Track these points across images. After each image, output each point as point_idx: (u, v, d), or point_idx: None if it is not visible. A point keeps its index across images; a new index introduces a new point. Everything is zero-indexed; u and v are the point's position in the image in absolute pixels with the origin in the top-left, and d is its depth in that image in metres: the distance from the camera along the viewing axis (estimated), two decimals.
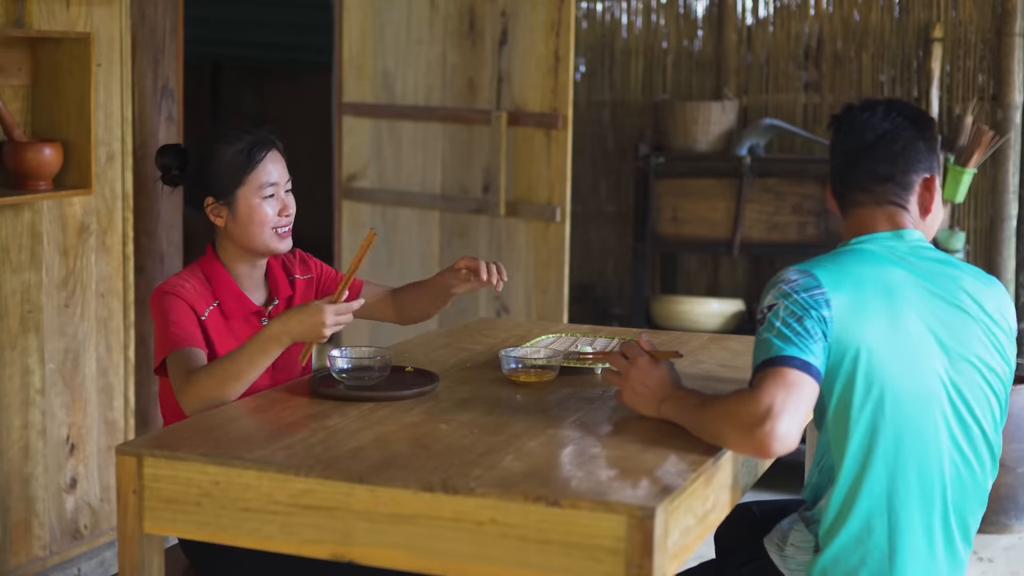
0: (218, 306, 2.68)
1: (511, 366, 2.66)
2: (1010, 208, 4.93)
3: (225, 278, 2.70)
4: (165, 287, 2.64)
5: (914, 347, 2.23)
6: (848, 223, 2.40)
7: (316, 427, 2.28)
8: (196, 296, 2.64)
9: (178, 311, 2.60)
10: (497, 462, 2.08)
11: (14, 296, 3.51)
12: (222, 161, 2.66)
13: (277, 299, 2.78)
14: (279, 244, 2.70)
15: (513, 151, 4.79)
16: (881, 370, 2.20)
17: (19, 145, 3.36)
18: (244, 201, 2.66)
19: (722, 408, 2.17)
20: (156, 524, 2.14)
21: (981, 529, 4.44)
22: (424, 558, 1.99)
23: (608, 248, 5.71)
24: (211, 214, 2.68)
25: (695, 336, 3.21)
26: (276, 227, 2.68)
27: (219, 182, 2.66)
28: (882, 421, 2.20)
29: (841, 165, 2.41)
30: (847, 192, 2.40)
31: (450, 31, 4.96)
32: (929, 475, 2.24)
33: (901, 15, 5.12)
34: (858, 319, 2.20)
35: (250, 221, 2.66)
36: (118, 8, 3.69)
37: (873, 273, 2.26)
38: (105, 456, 3.80)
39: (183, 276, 2.69)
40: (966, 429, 2.27)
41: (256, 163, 2.66)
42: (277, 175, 2.70)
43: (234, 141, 2.67)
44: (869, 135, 2.36)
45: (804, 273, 2.24)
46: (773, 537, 2.39)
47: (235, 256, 2.72)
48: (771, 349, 2.17)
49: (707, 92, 5.46)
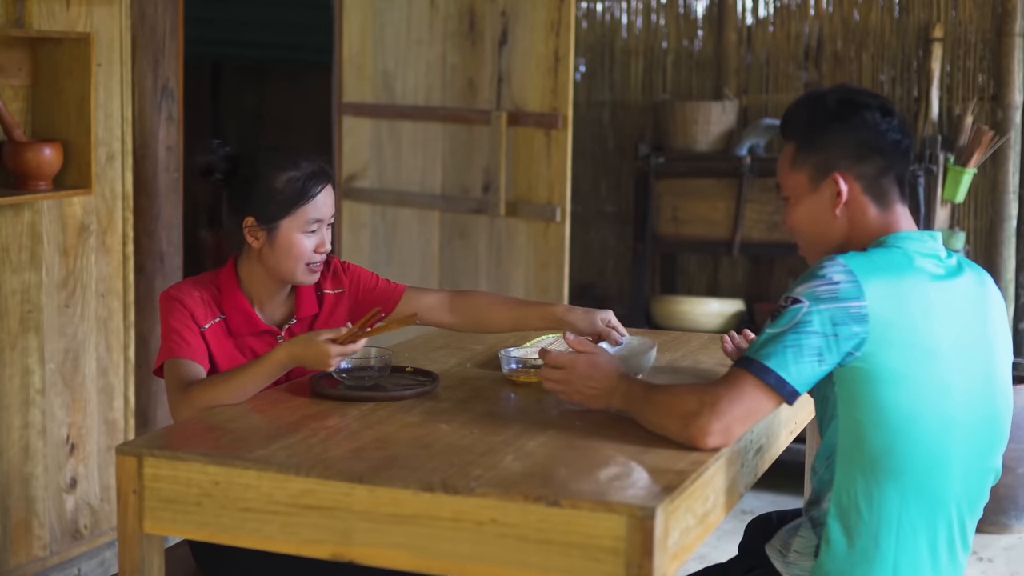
0: (223, 321, 2.63)
1: (511, 366, 2.66)
2: (1010, 208, 4.93)
3: (237, 295, 2.64)
4: (172, 291, 2.62)
5: (942, 368, 2.18)
6: (885, 217, 2.28)
7: (316, 427, 2.28)
8: (200, 306, 2.60)
9: (179, 319, 2.57)
10: (497, 462, 2.08)
11: (14, 296, 3.51)
12: (274, 186, 2.57)
13: (297, 318, 2.71)
14: (308, 278, 2.64)
15: (513, 151, 4.79)
16: (904, 395, 2.15)
17: (19, 145, 3.36)
18: (286, 232, 2.59)
19: (667, 398, 2.19)
20: (156, 524, 2.14)
21: (981, 529, 4.44)
22: (424, 558, 1.99)
23: (608, 248, 5.71)
24: (248, 234, 2.60)
25: (695, 336, 3.21)
26: (310, 262, 2.62)
27: (266, 206, 2.58)
28: (898, 445, 2.17)
29: (890, 152, 2.28)
30: (887, 183, 2.28)
31: (450, 31, 4.96)
32: (942, 490, 2.22)
33: (901, 15, 5.12)
34: (892, 341, 2.13)
35: (288, 254, 2.60)
36: (118, 8, 3.69)
37: (915, 290, 2.18)
38: (105, 456, 3.80)
39: (194, 283, 2.64)
40: (982, 444, 2.26)
41: (309, 198, 2.59)
42: (326, 211, 2.62)
43: (290, 168, 2.59)
44: (900, 134, 2.29)
45: (849, 277, 2.14)
46: (775, 543, 2.37)
47: (259, 276, 2.65)
48: (761, 351, 2.15)
49: (707, 92, 5.46)
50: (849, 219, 2.28)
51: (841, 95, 2.30)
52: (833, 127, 2.27)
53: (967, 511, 2.27)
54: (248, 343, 2.66)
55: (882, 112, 2.27)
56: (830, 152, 2.27)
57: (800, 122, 2.32)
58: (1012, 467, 4.41)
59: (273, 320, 2.71)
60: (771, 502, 4.68)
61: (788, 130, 2.34)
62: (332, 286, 2.78)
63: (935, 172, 4.73)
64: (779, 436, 2.62)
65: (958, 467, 2.23)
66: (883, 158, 2.27)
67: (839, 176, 2.27)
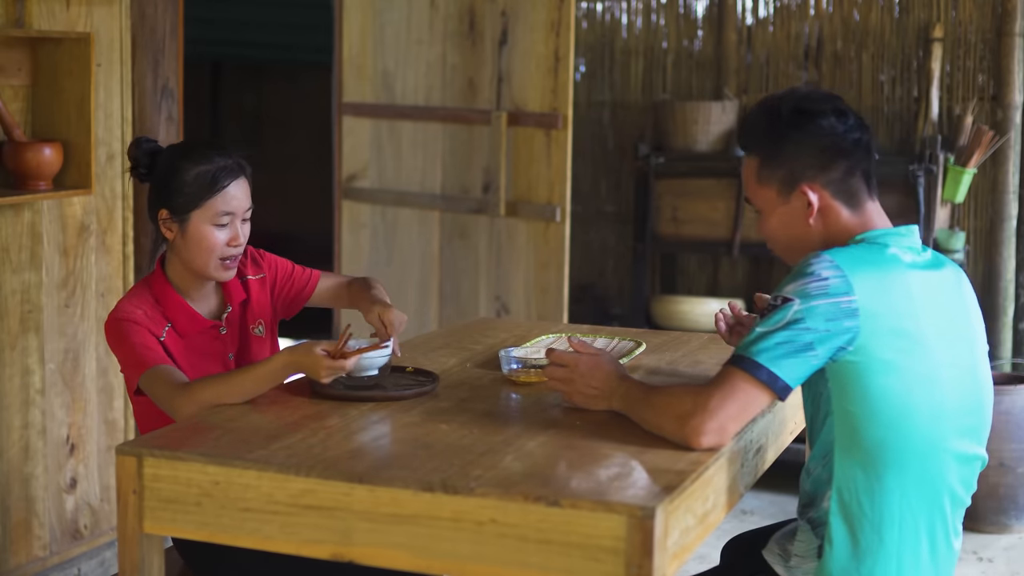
0: (171, 327, 2.65)
1: (511, 366, 2.66)
2: (1010, 208, 4.92)
3: (174, 298, 2.66)
4: (119, 314, 2.61)
5: (931, 359, 2.20)
6: (858, 216, 2.30)
7: (316, 427, 2.28)
8: (149, 321, 2.61)
9: (139, 334, 2.58)
10: (497, 462, 2.08)
11: (14, 296, 3.51)
12: (185, 179, 2.61)
13: (231, 305, 2.74)
14: (222, 274, 2.66)
15: (513, 151, 4.79)
16: (896, 385, 2.17)
17: (19, 145, 3.36)
18: (196, 224, 2.61)
19: (663, 400, 2.21)
20: (156, 524, 2.14)
21: (981, 529, 4.44)
22: (424, 558, 1.99)
23: (608, 248, 5.71)
24: (163, 226, 2.64)
25: (695, 336, 3.21)
26: (223, 256, 2.63)
27: (177, 198, 2.61)
28: (893, 436, 2.18)
29: (852, 152, 2.28)
30: (855, 182, 2.29)
31: (450, 31, 4.96)
32: (938, 479, 2.23)
33: (901, 15, 5.12)
34: (882, 332, 2.15)
35: (199, 246, 2.62)
36: (118, 8, 3.69)
37: (899, 282, 2.20)
38: (105, 456, 3.80)
39: (133, 302, 2.64)
40: (971, 433, 2.28)
41: (217, 190, 2.61)
42: (236, 205, 2.64)
43: (201, 161, 2.62)
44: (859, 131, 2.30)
45: (838, 272, 2.16)
46: (773, 548, 2.38)
47: (182, 272, 2.68)
48: (751, 348, 2.15)
49: (707, 92, 5.46)
50: (824, 224, 2.30)
51: (794, 104, 2.29)
52: (792, 138, 2.27)
53: (960, 499, 2.30)
54: (196, 342, 2.68)
55: (837, 115, 2.27)
56: (794, 165, 2.27)
57: (758, 136, 2.32)
58: (1012, 467, 4.41)
59: (210, 312, 2.73)
60: (771, 502, 4.68)
61: (748, 144, 2.35)
62: (253, 272, 2.82)
63: (935, 172, 4.73)
64: (779, 436, 2.62)
65: (951, 456, 2.25)
66: (847, 160, 2.27)
67: (807, 188, 2.27)
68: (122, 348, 2.59)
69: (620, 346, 2.98)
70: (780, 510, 4.58)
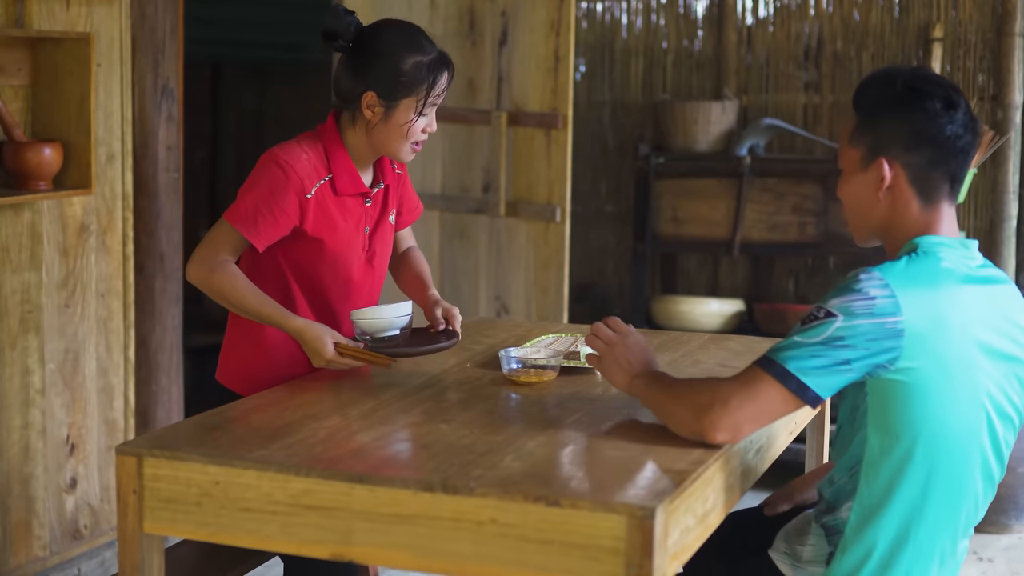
0: (330, 181, 2.69)
1: (511, 366, 2.66)
2: (1010, 208, 4.92)
3: (345, 157, 2.72)
4: (282, 155, 2.66)
5: (975, 379, 2.16)
6: (927, 213, 2.24)
7: (316, 427, 2.28)
8: (309, 170, 2.66)
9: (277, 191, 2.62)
10: (497, 462, 2.08)
11: (14, 296, 3.51)
12: (403, 67, 2.65)
13: (385, 183, 2.82)
14: (409, 156, 2.74)
15: (513, 151, 4.79)
16: (935, 406, 2.14)
17: (19, 145, 3.36)
18: (405, 111, 2.67)
19: (683, 390, 2.23)
20: (156, 524, 2.14)
21: (981, 529, 4.44)
22: (424, 558, 1.99)
23: (608, 248, 5.71)
24: (366, 106, 2.68)
25: (695, 336, 3.21)
26: (416, 142, 2.72)
27: (390, 84, 2.65)
28: (919, 452, 2.15)
29: (945, 146, 2.22)
30: (937, 177, 2.23)
31: (450, 31, 4.96)
32: (960, 502, 2.22)
33: (901, 15, 5.12)
34: (928, 353, 2.11)
35: (399, 132, 2.68)
36: (118, 8, 3.69)
37: (950, 300, 2.15)
38: (105, 456, 3.80)
39: (302, 145, 2.70)
40: (999, 452, 2.25)
41: (433, 83, 2.67)
42: (442, 98, 2.72)
43: (419, 51, 2.67)
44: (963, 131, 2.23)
45: (886, 292, 2.11)
46: (780, 547, 2.37)
47: (362, 144, 2.73)
48: (784, 354, 2.13)
49: (707, 92, 5.46)
50: (891, 205, 2.25)
51: (910, 80, 2.24)
52: (893, 111, 2.23)
53: (974, 518, 2.28)
54: (346, 204, 2.73)
55: (945, 104, 2.21)
56: (883, 135, 2.24)
57: (867, 99, 2.28)
58: (1012, 467, 4.41)
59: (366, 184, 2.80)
60: None
61: (856, 103, 2.31)
62: (399, 166, 2.90)
63: None
64: (779, 436, 2.62)
65: (976, 480, 2.22)
66: (935, 150, 2.22)
67: (885, 161, 2.23)
68: (249, 183, 2.65)
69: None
70: None
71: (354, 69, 2.69)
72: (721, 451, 2.17)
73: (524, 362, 2.66)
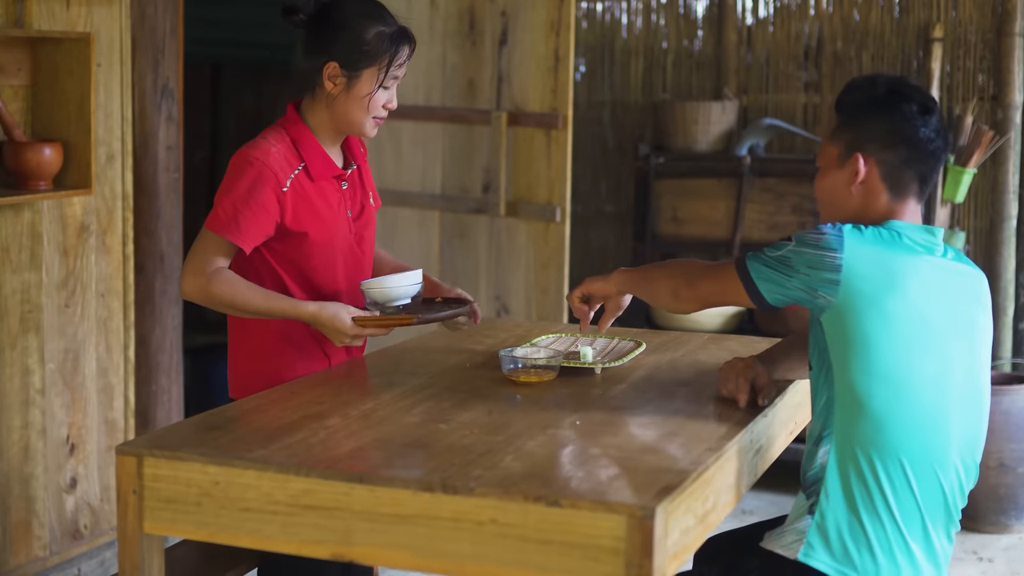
0: (304, 168, 2.68)
1: (511, 366, 2.66)
2: (1010, 208, 4.93)
3: (311, 141, 2.70)
4: (251, 152, 2.64)
5: (939, 340, 2.28)
6: (894, 205, 2.39)
7: (316, 427, 2.28)
8: (281, 162, 2.65)
9: (253, 188, 2.60)
10: (497, 462, 2.08)
11: (14, 296, 3.51)
12: (364, 36, 2.64)
13: (355, 163, 2.82)
14: (370, 132, 2.73)
15: (513, 151, 4.79)
16: (896, 353, 2.24)
17: (19, 145, 3.36)
18: (367, 82, 2.66)
19: (665, 266, 2.55)
20: (156, 524, 2.14)
21: (981, 529, 4.44)
22: (424, 558, 1.99)
23: (608, 248, 5.71)
24: (327, 78, 2.66)
25: (695, 336, 3.21)
26: (376, 116, 2.71)
27: (352, 53, 2.64)
28: (895, 396, 2.25)
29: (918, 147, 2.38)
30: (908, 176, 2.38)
31: (450, 31, 4.96)
32: (941, 454, 2.29)
33: (901, 15, 5.12)
34: (874, 300, 2.24)
35: (360, 104, 2.67)
36: (118, 8, 3.70)
37: (909, 268, 2.29)
38: (105, 456, 3.80)
39: (269, 139, 2.68)
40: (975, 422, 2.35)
41: (396, 54, 2.67)
42: (403, 71, 2.72)
43: (380, 22, 2.67)
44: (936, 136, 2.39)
45: (837, 233, 2.28)
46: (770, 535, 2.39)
47: (326, 122, 2.72)
48: (750, 258, 2.35)
49: (707, 92, 5.46)
50: (863, 199, 2.39)
51: (892, 84, 2.41)
52: (873, 111, 2.39)
53: (963, 484, 2.35)
54: (324, 190, 2.72)
55: (923, 110, 2.37)
56: (861, 133, 2.39)
57: (849, 101, 2.44)
58: (1012, 467, 4.41)
59: (338, 166, 2.79)
60: (771, 502, 4.68)
61: (839, 105, 2.46)
62: (363, 146, 2.90)
63: None
64: (779, 436, 2.62)
65: (956, 438, 2.31)
66: (909, 150, 2.37)
67: (861, 157, 2.38)
68: (225, 186, 2.63)
69: (620, 346, 2.98)
70: (780, 510, 4.57)
71: (316, 42, 2.68)
72: (721, 451, 2.18)
73: (524, 362, 2.66)
